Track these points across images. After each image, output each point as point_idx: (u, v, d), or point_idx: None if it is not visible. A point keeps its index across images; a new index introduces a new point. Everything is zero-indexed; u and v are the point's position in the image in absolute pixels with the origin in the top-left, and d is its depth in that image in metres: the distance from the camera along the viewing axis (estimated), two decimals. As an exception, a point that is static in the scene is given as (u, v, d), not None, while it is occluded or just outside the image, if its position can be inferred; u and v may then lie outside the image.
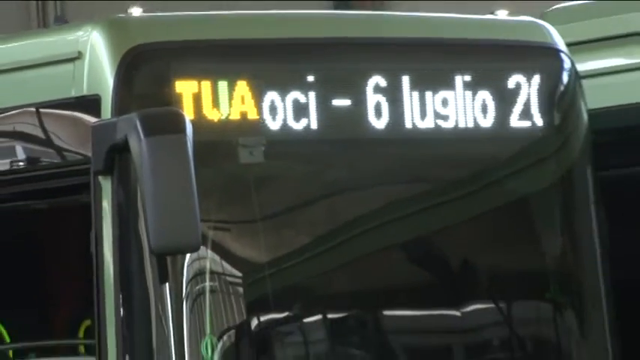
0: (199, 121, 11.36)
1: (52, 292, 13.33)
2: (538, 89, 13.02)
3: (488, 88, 12.97)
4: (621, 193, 13.70)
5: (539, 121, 13.08)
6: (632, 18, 15.10)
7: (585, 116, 13.29)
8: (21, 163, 12.44)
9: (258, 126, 11.77)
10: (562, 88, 13.21)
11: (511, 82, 13.14)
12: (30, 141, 12.40)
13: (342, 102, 12.22)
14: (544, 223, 13.12)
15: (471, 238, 13.06)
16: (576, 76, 13.25)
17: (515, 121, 12.99)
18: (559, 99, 13.19)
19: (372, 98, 12.34)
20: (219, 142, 11.70)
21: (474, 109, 12.72)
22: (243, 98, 11.68)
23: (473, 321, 12.72)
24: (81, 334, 12.45)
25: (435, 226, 12.98)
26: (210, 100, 11.58)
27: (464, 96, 12.71)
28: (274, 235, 12.21)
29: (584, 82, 13.54)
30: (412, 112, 12.48)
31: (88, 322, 11.96)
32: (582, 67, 13.64)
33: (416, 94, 12.45)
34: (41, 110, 12.08)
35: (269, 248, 12.06)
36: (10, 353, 13.01)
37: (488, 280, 13.03)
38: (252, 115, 11.70)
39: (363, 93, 12.33)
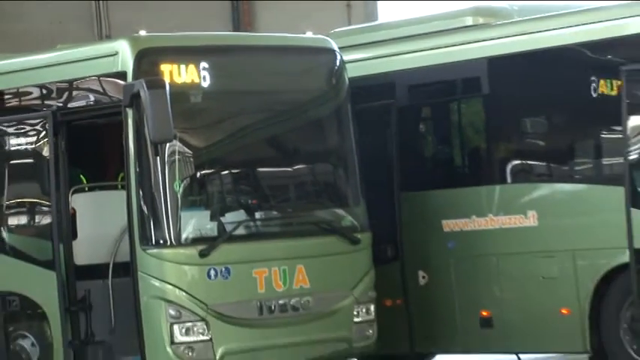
0: (172, 83, 11.94)
1: (107, 159, 13.20)
2: (325, 69, 13.41)
3: (297, 70, 13.39)
4: (364, 117, 13.70)
5: (325, 85, 13.42)
6: (377, 35, 15.08)
7: (347, 81, 13.42)
8: (92, 102, 12.72)
9: (198, 85, 12.32)
10: (336, 68, 13.37)
11: (307, 66, 13.65)
12: (95, 92, 12.65)
13: (234, 74, 12.77)
14: (330, 132, 13.48)
15: (298, 140, 13.59)
16: (343, 62, 13.41)
17: (312, 85, 13.38)
18: (334, 74, 13.36)
19: (247, 73, 12.91)
20: (181, 93, 12.17)
21: (293, 80, 13.23)
22: (192, 73, 12.25)
23: (298, 173, 13.33)
24: (119, 179, 12.56)
25: (280, 134, 13.48)
26: (177, 74, 12.11)
27: (287, 73, 13.19)
28: (207, 133, 12.80)
29: (352, 64, 13.80)
30: (263, 81, 12.95)
31: (122, 174, 12.22)
32: (348, 57, 13.73)
33: (264, 73, 13.04)
34: (101, 78, 12.49)
35: (205, 139, 12.72)
36: (86, 188, 12.88)
37: (305, 158, 13.40)
38: (196, 80, 12.27)
39: (242, 70, 12.92)
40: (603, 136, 12.82)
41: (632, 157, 12.07)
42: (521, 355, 14.11)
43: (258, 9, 20.12)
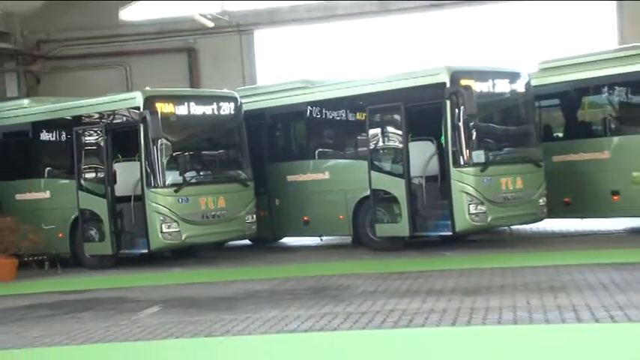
0: (161, 112, 11.86)
1: (131, 147, 12.17)
2: (233, 106, 12.82)
3: (220, 107, 12.71)
4: (251, 129, 13.20)
5: (233, 113, 12.87)
6: (256, 90, 14.49)
7: (243, 112, 12.90)
8: (123, 121, 12.31)
9: (174, 113, 12.14)
10: (238, 106, 12.93)
11: (224, 105, 12.74)
12: (124, 116, 12.26)
13: (191, 107, 12.35)
14: (235, 136, 13.01)
15: (220, 140, 13.17)
16: (241, 103, 12.91)
17: (226, 114, 12.80)
18: (237, 109, 12.93)
19: (197, 107, 12.46)
20: (166, 117, 11.89)
21: (218, 111, 12.73)
22: (171, 107, 12.10)
23: (221, 155, 13.07)
24: (136, 156, 11.97)
25: (212, 136, 13.07)
26: (164, 108, 11.97)
27: (215, 108, 12.67)
28: (178, 136, 12.43)
29: (246, 105, 13.19)
30: (204, 111, 12.56)
31: (137, 154, 11.88)
32: (244, 101, 13.26)
33: (205, 107, 12.57)
34: (128, 109, 12.22)
35: (177, 138, 12.37)
36: (121, 160, 12.45)
37: (224, 148, 13.19)
38: (173, 111, 12.10)
39: (195, 106, 12.44)
40: (359, 137, 12.49)
41: (371, 147, 12.02)
42: (324, 238, 13.91)
43: (203, 76, 20.13)
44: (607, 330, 5.86)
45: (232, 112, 13.01)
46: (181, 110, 12.35)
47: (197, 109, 12.54)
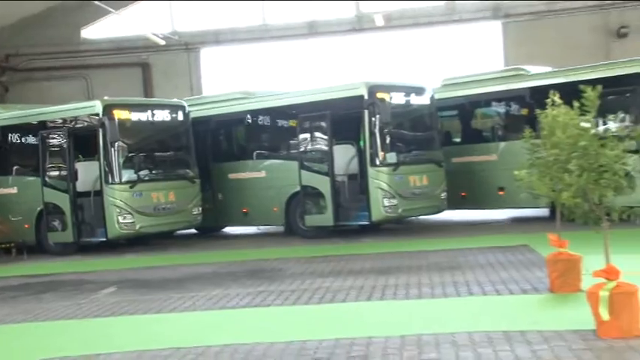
0: (118, 118, 11.58)
1: (91, 148, 11.80)
2: (181, 113, 12.60)
3: (171, 113, 12.49)
4: (197, 134, 12.82)
5: (181, 119, 12.55)
6: (201, 100, 14.05)
7: (190, 118, 12.63)
8: (85, 125, 11.87)
9: (129, 119, 11.80)
10: (185, 113, 12.57)
11: (175, 112, 12.48)
12: (85, 121, 11.99)
13: (145, 114, 12.10)
14: (183, 139, 12.69)
15: (170, 142, 12.72)
16: (189, 111, 12.65)
17: (176, 119, 12.60)
18: (185, 115, 12.61)
19: (150, 114, 12.22)
20: (122, 122, 11.62)
21: (169, 117, 12.48)
22: (127, 114, 11.77)
23: (170, 155, 12.68)
24: (96, 157, 11.67)
25: (163, 139, 12.67)
26: (120, 114, 11.67)
27: (167, 115, 12.38)
28: (132, 138, 11.92)
29: (193, 112, 12.92)
30: (157, 117, 12.30)
31: (97, 155, 11.59)
32: (191, 109, 12.93)
33: (157, 114, 12.33)
34: (89, 115, 11.88)
35: (131, 140, 11.88)
36: (82, 160, 12.21)
37: (174, 149, 12.72)
38: (128, 117, 11.78)
39: (148, 113, 12.18)
40: (291, 141, 12.14)
41: (301, 149, 11.82)
42: (260, 227, 13.93)
43: (155, 88, 19.88)
44: (493, 301, 6.03)
45: (181, 118, 12.77)
46: (136, 117, 12.08)
47: (150, 116, 12.30)
